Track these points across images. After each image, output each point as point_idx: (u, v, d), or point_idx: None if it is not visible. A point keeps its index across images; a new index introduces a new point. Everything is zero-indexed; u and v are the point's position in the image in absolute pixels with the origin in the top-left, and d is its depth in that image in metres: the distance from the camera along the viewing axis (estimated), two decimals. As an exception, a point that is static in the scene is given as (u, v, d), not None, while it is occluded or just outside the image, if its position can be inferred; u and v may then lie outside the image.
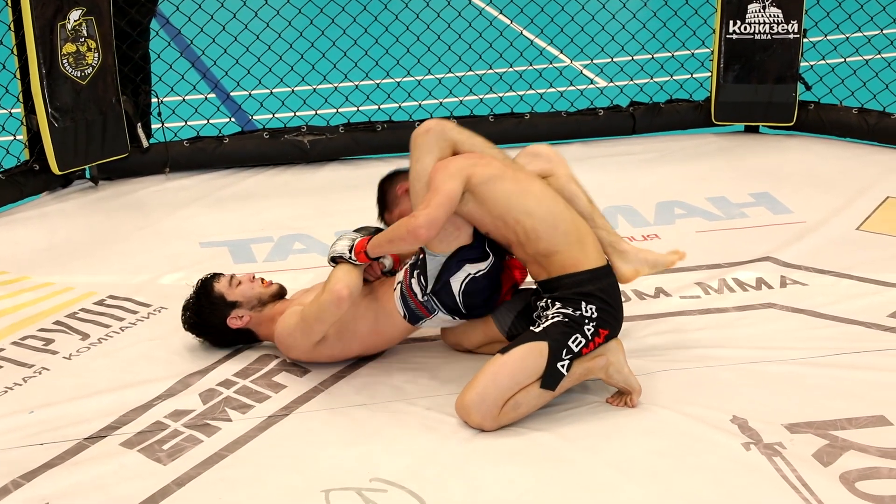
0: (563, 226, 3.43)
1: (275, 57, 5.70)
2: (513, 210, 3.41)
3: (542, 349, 3.32)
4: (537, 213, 3.42)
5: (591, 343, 3.37)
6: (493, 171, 3.45)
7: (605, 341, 3.41)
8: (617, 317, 3.44)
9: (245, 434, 3.33)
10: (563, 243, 3.41)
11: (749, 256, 4.39)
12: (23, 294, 4.16)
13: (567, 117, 5.66)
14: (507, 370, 3.31)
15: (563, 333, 3.34)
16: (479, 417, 3.29)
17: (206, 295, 3.67)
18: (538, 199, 3.45)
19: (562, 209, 3.48)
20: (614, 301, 3.43)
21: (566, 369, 3.34)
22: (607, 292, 3.41)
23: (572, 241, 3.43)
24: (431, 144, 3.48)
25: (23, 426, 3.36)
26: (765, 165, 5.34)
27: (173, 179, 5.23)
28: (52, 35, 4.73)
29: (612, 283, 3.47)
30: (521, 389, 3.32)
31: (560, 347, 3.33)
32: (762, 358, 3.69)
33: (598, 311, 3.37)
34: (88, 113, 4.92)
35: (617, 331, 3.46)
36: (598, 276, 3.42)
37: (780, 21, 5.46)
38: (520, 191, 3.44)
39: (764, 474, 3.12)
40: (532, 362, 3.32)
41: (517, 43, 5.91)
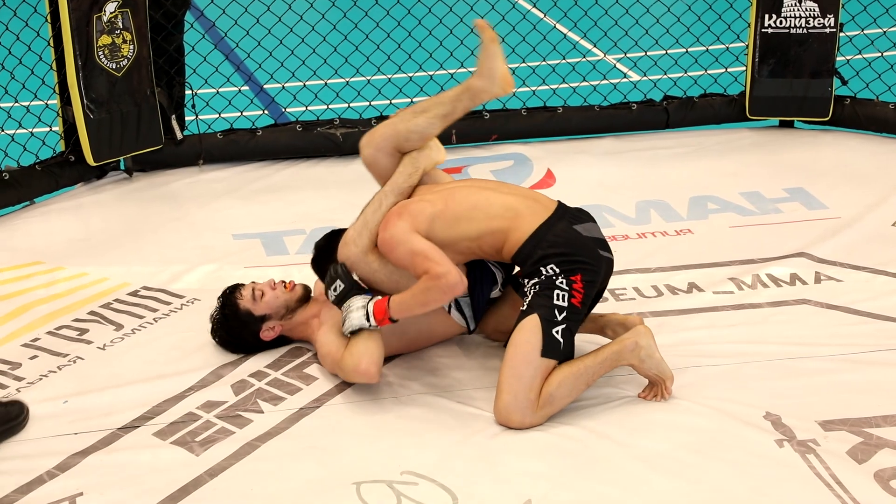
0: (500, 218, 3.45)
1: (308, 49, 5.70)
2: (459, 242, 3.45)
3: (535, 322, 3.32)
4: (474, 231, 3.45)
5: (574, 292, 3.33)
6: (423, 218, 3.44)
7: (586, 285, 3.34)
8: (579, 256, 3.38)
9: (276, 426, 3.34)
10: (507, 232, 3.43)
11: (783, 252, 4.36)
12: (58, 284, 4.19)
13: (600, 111, 5.64)
14: (519, 359, 3.31)
15: (545, 297, 3.33)
16: (519, 416, 3.29)
17: (234, 314, 3.65)
18: (469, 218, 3.46)
19: (483, 202, 3.48)
20: (567, 247, 3.38)
21: (561, 335, 3.30)
22: (555, 244, 3.38)
23: (509, 219, 3.44)
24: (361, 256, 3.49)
25: (57, 415, 3.38)
26: (799, 160, 5.31)
27: (207, 171, 5.25)
28: (88, 27, 4.76)
29: (555, 232, 3.41)
30: (548, 378, 3.30)
31: (550, 312, 3.31)
32: (796, 354, 3.66)
33: (557, 265, 3.34)
34: (123, 105, 4.95)
35: (591, 267, 3.38)
36: (537, 238, 3.40)
37: (816, 15, 5.42)
38: (451, 220, 3.45)
39: (797, 471, 3.10)
40: (535, 338, 3.31)
41: (550, 36, 5.89)
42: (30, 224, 4.75)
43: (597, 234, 3.51)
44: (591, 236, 3.47)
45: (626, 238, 4.56)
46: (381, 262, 3.48)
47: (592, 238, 3.47)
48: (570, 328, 3.35)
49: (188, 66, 5.37)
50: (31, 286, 4.17)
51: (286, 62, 5.65)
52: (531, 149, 5.44)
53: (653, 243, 4.52)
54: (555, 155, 5.35)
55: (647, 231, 4.62)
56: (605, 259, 3.47)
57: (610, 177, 5.15)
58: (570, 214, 3.50)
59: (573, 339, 3.37)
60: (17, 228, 4.70)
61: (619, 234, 4.58)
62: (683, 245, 4.49)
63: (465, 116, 5.41)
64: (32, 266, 4.34)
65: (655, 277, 4.20)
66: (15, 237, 4.62)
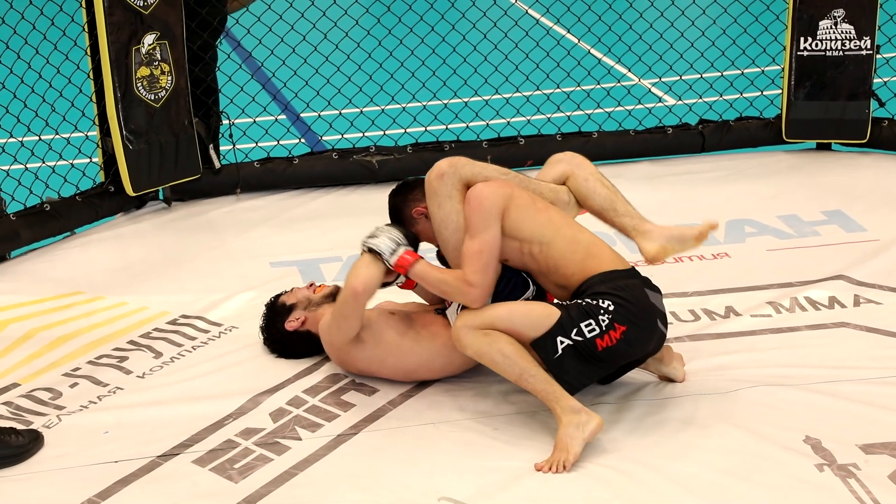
0: (579, 249, 3.43)
1: (343, 78, 5.75)
2: (532, 240, 3.44)
3: (553, 314, 3.30)
4: (554, 242, 3.43)
5: (605, 335, 3.27)
6: (520, 203, 3.45)
7: (623, 341, 3.28)
8: (638, 315, 3.31)
9: (314, 453, 3.35)
10: (578, 263, 3.42)
11: (821, 275, 4.33)
12: (98, 314, 4.23)
13: (635, 136, 5.64)
14: (508, 306, 3.34)
15: (579, 314, 3.29)
16: (464, 326, 3.28)
17: (271, 306, 3.85)
18: (556, 227, 3.46)
19: (575, 232, 3.48)
20: (634, 299, 3.33)
21: (562, 349, 3.26)
22: (624, 289, 3.34)
23: (586, 257, 3.43)
24: (449, 189, 3.45)
25: (97, 444, 3.41)
26: (837, 183, 5.28)
27: (244, 200, 5.30)
28: (127, 59, 4.82)
29: (631, 284, 3.39)
30: (513, 341, 3.27)
31: (571, 324, 3.28)
32: (835, 378, 3.63)
33: (614, 305, 3.30)
34: (162, 135, 5.01)
35: (641, 331, 3.32)
36: (612, 277, 3.38)
37: (852, 37, 5.40)
38: (539, 221, 3.45)
39: (838, 495, 3.07)
40: (537, 316, 3.30)
41: (585, 62, 5.91)
42: (70, 254, 4.80)
43: (661, 307, 3.44)
44: (656, 306, 3.41)
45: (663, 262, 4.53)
46: (457, 211, 3.44)
47: (656, 308, 3.41)
48: (576, 354, 3.28)
49: (225, 95, 5.42)
50: (71, 316, 4.22)
51: (322, 91, 5.69)
52: (567, 174, 5.43)
53: (690, 267, 4.50)
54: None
55: (683, 255, 4.61)
56: (658, 332, 3.41)
57: (646, 201, 5.08)
58: (643, 277, 3.48)
59: (576, 371, 3.29)
60: (58, 259, 4.76)
61: (656, 259, 4.57)
62: (720, 269, 4.47)
63: (500, 142, 5.49)
64: (73, 296, 4.39)
65: (692, 301, 4.18)
66: (56, 267, 4.67)
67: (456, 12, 5.71)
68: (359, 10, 6.75)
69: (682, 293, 4.25)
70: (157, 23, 4.87)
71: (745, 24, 5.90)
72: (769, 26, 5.81)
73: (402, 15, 5.69)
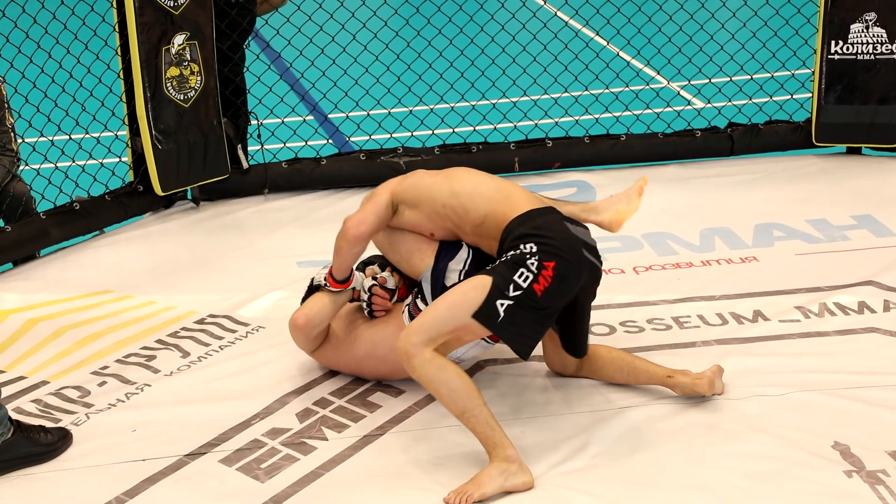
0: (487, 191, 3.46)
1: (371, 79, 5.76)
2: (439, 197, 3.50)
3: (486, 283, 3.25)
4: (461, 190, 3.48)
5: (539, 278, 3.23)
6: (415, 178, 3.57)
7: (557, 277, 3.24)
8: (561, 247, 3.28)
9: (340, 453, 3.36)
10: (490, 205, 3.43)
11: (850, 280, 4.31)
12: (126, 312, 4.25)
13: (664, 139, 5.62)
14: (446, 301, 3.29)
15: (508, 269, 3.26)
16: (406, 344, 3.21)
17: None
18: (461, 180, 3.52)
19: (483, 178, 3.52)
20: (553, 233, 3.31)
21: (504, 310, 3.21)
22: (542, 227, 3.32)
23: (499, 199, 3.43)
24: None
25: (125, 442, 3.43)
26: (867, 187, 5.24)
27: (272, 200, 5.31)
28: (156, 59, 4.84)
29: (549, 220, 3.36)
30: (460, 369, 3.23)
31: (505, 282, 3.23)
32: (864, 383, 3.61)
33: (537, 245, 3.27)
34: (191, 135, 5.03)
35: (569, 261, 3.27)
36: (528, 218, 3.36)
37: (883, 41, 5.36)
38: (440, 179, 3.54)
39: (866, 502, 3.05)
40: (474, 295, 3.24)
41: (613, 64, 5.89)
42: (99, 253, 4.83)
43: (587, 239, 3.42)
44: (580, 237, 3.39)
45: (691, 266, 4.53)
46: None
47: (580, 238, 3.38)
48: (520, 310, 3.23)
49: (254, 96, 5.44)
50: (100, 315, 4.24)
51: (350, 92, 5.70)
52: (594, 176, 5.44)
53: (717, 271, 4.48)
54: (618, 182, 5.33)
55: (711, 259, 4.59)
56: (588, 262, 3.35)
57: (674, 204, 5.13)
58: (560, 213, 3.46)
59: (528, 326, 3.25)
60: (87, 257, 4.78)
61: (684, 262, 4.56)
62: (749, 273, 4.45)
63: (528, 144, 5.48)
64: (102, 295, 4.41)
65: (720, 305, 4.16)
66: (85, 266, 4.70)
67: (485, 14, 5.71)
68: (387, 11, 6.76)
69: (709, 297, 4.23)
70: (187, 23, 4.89)
71: (776, 27, 5.88)
72: (800, 29, 5.78)
73: (430, 16, 5.69)
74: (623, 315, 4.11)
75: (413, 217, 3.55)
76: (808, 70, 5.63)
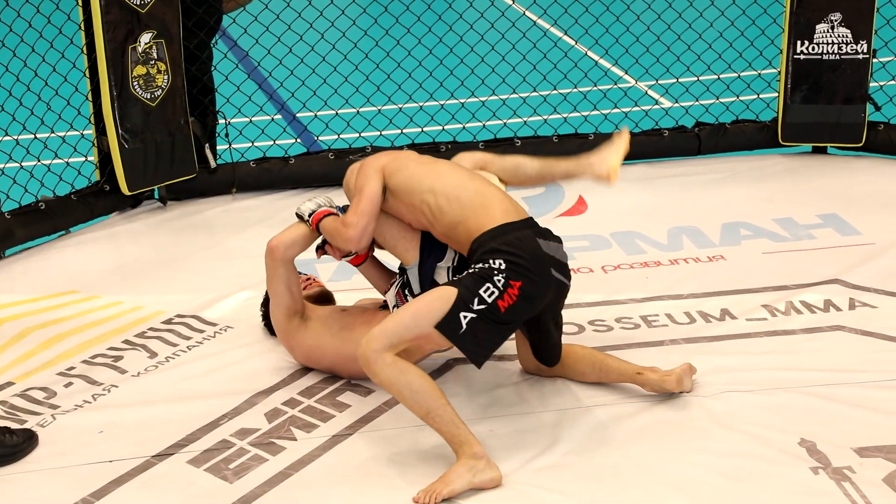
0: (465, 195, 3.46)
1: (340, 78, 5.74)
2: (417, 191, 3.50)
3: (451, 294, 3.26)
4: (440, 190, 3.48)
5: (504, 295, 3.25)
6: (402, 163, 3.58)
7: (522, 297, 3.26)
8: (530, 268, 3.29)
9: (309, 453, 3.35)
10: (465, 212, 3.43)
11: (817, 278, 4.34)
12: (93, 313, 4.23)
13: (632, 138, 5.61)
14: (410, 310, 3.29)
15: (475, 282, 3.26)
16: (367, 351, 3.22)
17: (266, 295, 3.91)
18: (441, 177, 3.52)
19: (465, 181, 3.52)
20: (524, 252, 3.31)
21: (468, 323, 3.22)
22: (513, 244, 3.32)
23: (475, 207, 3.43)
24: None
25: (92, 443, 3.41)
26: (833, 186, 5.28)
27: (240, 200, 5.29)
28: (123, 58, 4.81)
29: (522, 236, 3.36)
30: (423, 374, 3.22)
31: (471, 295, 3.24)
32: (830, 381, 3.64)
33: (506, 263, 3.28)
34: (158, 134, 5.00)
35: (536, 281, 3.29)
36: (502, 232, 3.36)
37: (848, 41, 5.41)
38: (423, 172, 3.54)
39: (833, 499, 3.07)
40: (439, 306, 3.25)
41: (582, 63, 5.91)
42: (65, 253, 4.79)
43: (558, 256, 3.42)
44: (550, 254, 3.39)
45: (659, 264, 4.55)
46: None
47: (550, 256, 3.38)
48: (482, 323, 3.24)
49: (221, 95, 5.42)
50: (66, 315, 4.21)
51: (318, 91, 5.69)
52: (563, 176, 5.44)
53: (685, 270, 4.50)
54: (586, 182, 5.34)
55: (679, 257, 4.61)
56: (555, 281, 3.37)
57: (642, 203, 5.15)
58: (537, 228, 3.46)
59: (487, 338, 3.27)
60: (52, 257, 4.75)
61: (652, 261, 4.58)
62: (716, 271, 4.48)
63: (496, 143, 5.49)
64: (68, 295, 4.38)
65: (688, 304, 4.18)
66: (51, 266, 4.67)
67: (453, 13, 5.71)
68: (356, 10, 6.75)
69: (677, 295, 4.25)
70: (154, 21, 4.86)
71: (743, 27, 5.91)
72: (766, 29, 5.81)
73: (399, 15, 5.69)
74: (592, 314, 4.12)
75: (392, 203, 3.56)
76: (775, 70, 5.67)
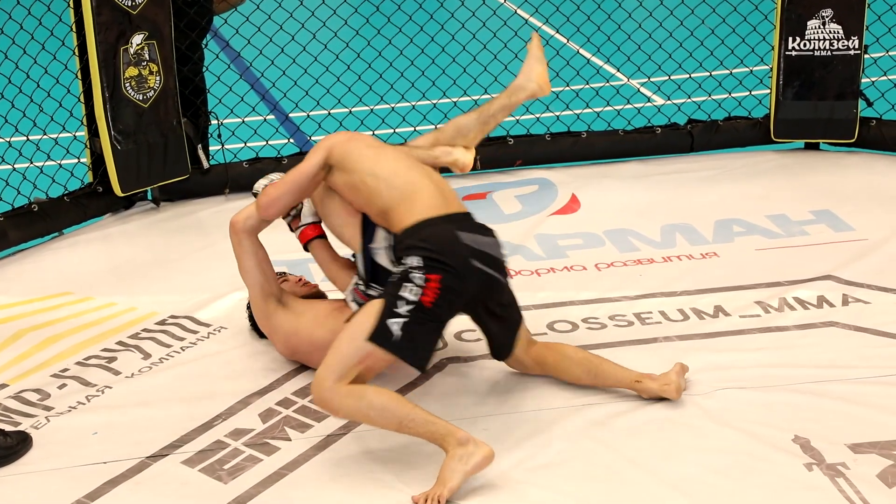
0: (397, 183, 3.49)
1: (332, 78, 5.74)
2: (359, 171, 3.54)
3: (377, 307, 3.29)
4: (380, 174, 3.51)
5: (426, 290, 3.25)
6: (354, 144, 3.60)
7: (443, 289, 3.25)
8: (445, 262, 3.28)
9: (304, 453, 3.35)
10: (395, 200, 3.47)
11: (810, 275, 4.34)
12: (87, 314, 4.22)
13: (624, 136, 5.64)
14: (346, 335, 3.30)
15: (396, 285, 3.28)
16: (319, 389, 3.23)
17: None
18: (381, 162, 3.55)
19: (401, 169, 3.55)
20: (438, 245, 3.31)
21: (400, 328, 3.23)
22: (429, 240, 3.33)
23: (403, 198, 3.46)
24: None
25: (87, 445, 3.40)
26: (825, 183, 5.29)
27: (233, 200, 5.28)
28: (115, 59, 4.81)
29: (439, 230, 3.37)
30: (377, 387, 3.24)
31: (395, 300, 3.25)
32: (824, 377, 3.64)
33: (423, 259, 3.29)
34: (150, 135, 4.99)
35: (454, 273, 3.27)
36: (419, 229, 3.38)
37: (840, 37, 5.41)
38: (368, 155, 3.57)
39: (826, 495, 3.08)
40: (368, 321, 3.26)
41: (574, 62, 5.91)
42: (59, 255, 4.79)
43: (484, 248, 3.37)
44: (471, 246, 3.34)
45: (652, 262, 4.55)
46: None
47: (471, 248, 3.34)
48: (414, 325, 3.24)
49: (214, 96, 5.41)
50: (60, 317, 4.21)
51: (311, 91, 5.68)
52: (556, 174, 5.45)
53: (678, 267, 4.51)
54: (579, 180, 5.36)
55: (672, 255, 4.61)
56: (478, 271, 3.33)
57: (635, 201, 5.15)
58: (462, 221, 3.43)
59: (422, 340, 3.27)
60: (46, 259, 4.74)
61: (645, 258, 4.58)
62: (709, 268, 4.48)
63: (489, 142, 5.49)
64: (62, 297, 4.38)
65: (681, 301, 4.19)
66: (44, 268, 4.66)
67: (445, 12, 5.71)
68: (347, 9, 6.74)
69: (671, 293, 4.26)
70: (146, 23, 4.86)
71: (734, 23, 5.92)
72: (758, 26, 5.82)
73: (390, 15, 5.69)
74: (585, 312, 4.13)
75: (338, 181, 3.61)
76: (766, 66, 5.68)
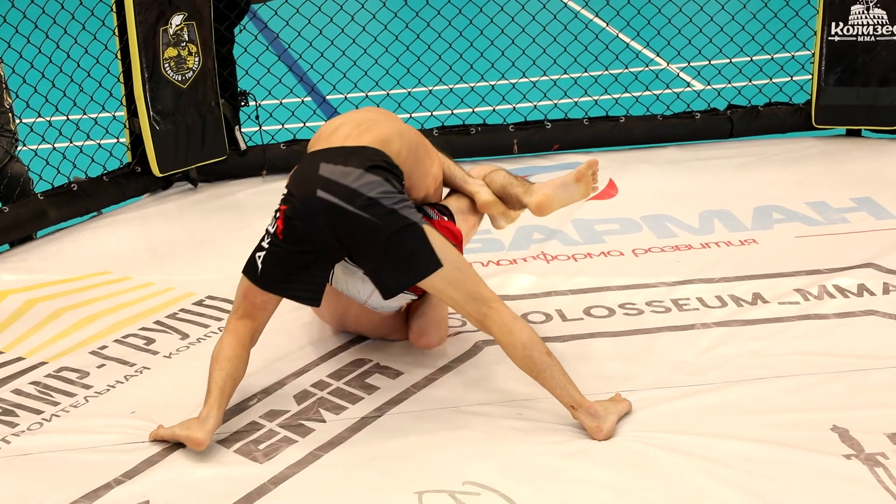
0: (335, 124, 3.52)
1: (370, 60, 5.74)
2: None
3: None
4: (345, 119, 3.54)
5: (277, 221, 3.34)
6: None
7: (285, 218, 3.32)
8: (294, 191, 3.34)
9: (338, 435, 3.36)
10: (319, 138, 3.51)
11: (850, 262, 4.30)
12: (125, 294, 4.25)
13: (663, 121, 5.60)
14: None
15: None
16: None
17: None
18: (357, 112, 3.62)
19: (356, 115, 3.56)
20: (296, 177, 3.39)
21: (262, 260, 3.35)
22: (294, 173, 3.43)
23: (325, 134, 3.49)
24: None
25: (124, 425, 3.43)
26: (867, 170, 5.23)
27: (270, 182, 5.30)
28: (154, 39, 4.82)
29: (304, 164, 3.40)
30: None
31: (263, 236, 3.40)
32: (863, 366, 3.61)
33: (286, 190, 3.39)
34: (188, 116, 5.01)
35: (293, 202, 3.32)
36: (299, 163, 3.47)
37: (884, 22, 5.35)
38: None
39: (865, 485, 3.05)
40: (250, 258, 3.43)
41: (613, 46, 5.88)
42: (97, 234, 4.82)
43: (334, 176, 3.28)
44: (324, 176, 3.28)
45: (690, 248, 4.52)
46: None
47: (323, 178, 3.28)
48: (272, 256, 3.35)
49: (252, 77, 5.42)
50: (98, 296, 4.24)
51: (348, 73, 5.68)
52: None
53: (717, 253, 4.48)
54: (617, 164, 5.33)
55: (710, 241, 4.58)
56: (321, 201, 3.26)
57: (673, 186, 5.12)
58: (337, 154, 3.35)
59: (282, 268, 3.36)
60: (84, 239, 4.78)
61: (683, 244, 4.55)
62: (748, 255, 4.45)
63: (527, 126, 5.47)
64: (100, 276, 4.41)
65: (719, 288, 4.16)
66: (83, 247, 4.69)
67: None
68: (386, -8, 6.73)
69: (708, 279, 4.23)
70: (185, 3, 4.87)
71: (776, 8, 5.86)
72: (800, 11, 5.76)
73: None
74: (622, 297, 4.11)
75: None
76: (809, 52, 5.62)
